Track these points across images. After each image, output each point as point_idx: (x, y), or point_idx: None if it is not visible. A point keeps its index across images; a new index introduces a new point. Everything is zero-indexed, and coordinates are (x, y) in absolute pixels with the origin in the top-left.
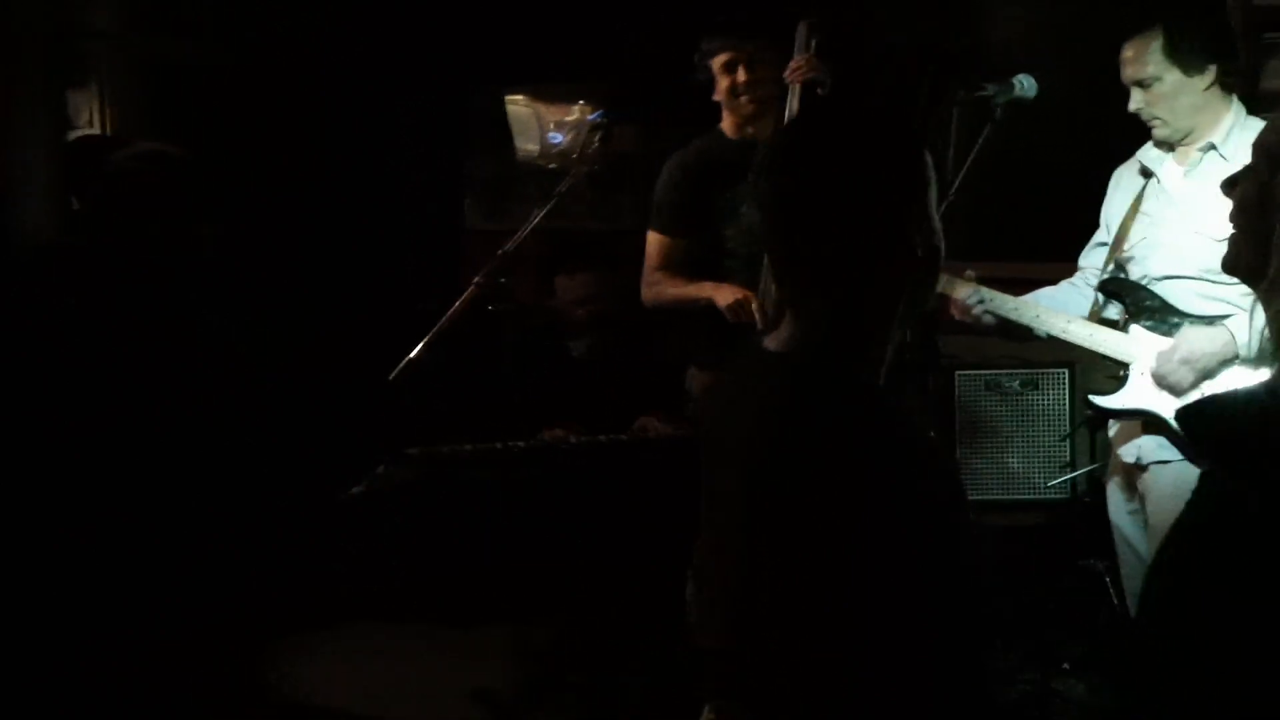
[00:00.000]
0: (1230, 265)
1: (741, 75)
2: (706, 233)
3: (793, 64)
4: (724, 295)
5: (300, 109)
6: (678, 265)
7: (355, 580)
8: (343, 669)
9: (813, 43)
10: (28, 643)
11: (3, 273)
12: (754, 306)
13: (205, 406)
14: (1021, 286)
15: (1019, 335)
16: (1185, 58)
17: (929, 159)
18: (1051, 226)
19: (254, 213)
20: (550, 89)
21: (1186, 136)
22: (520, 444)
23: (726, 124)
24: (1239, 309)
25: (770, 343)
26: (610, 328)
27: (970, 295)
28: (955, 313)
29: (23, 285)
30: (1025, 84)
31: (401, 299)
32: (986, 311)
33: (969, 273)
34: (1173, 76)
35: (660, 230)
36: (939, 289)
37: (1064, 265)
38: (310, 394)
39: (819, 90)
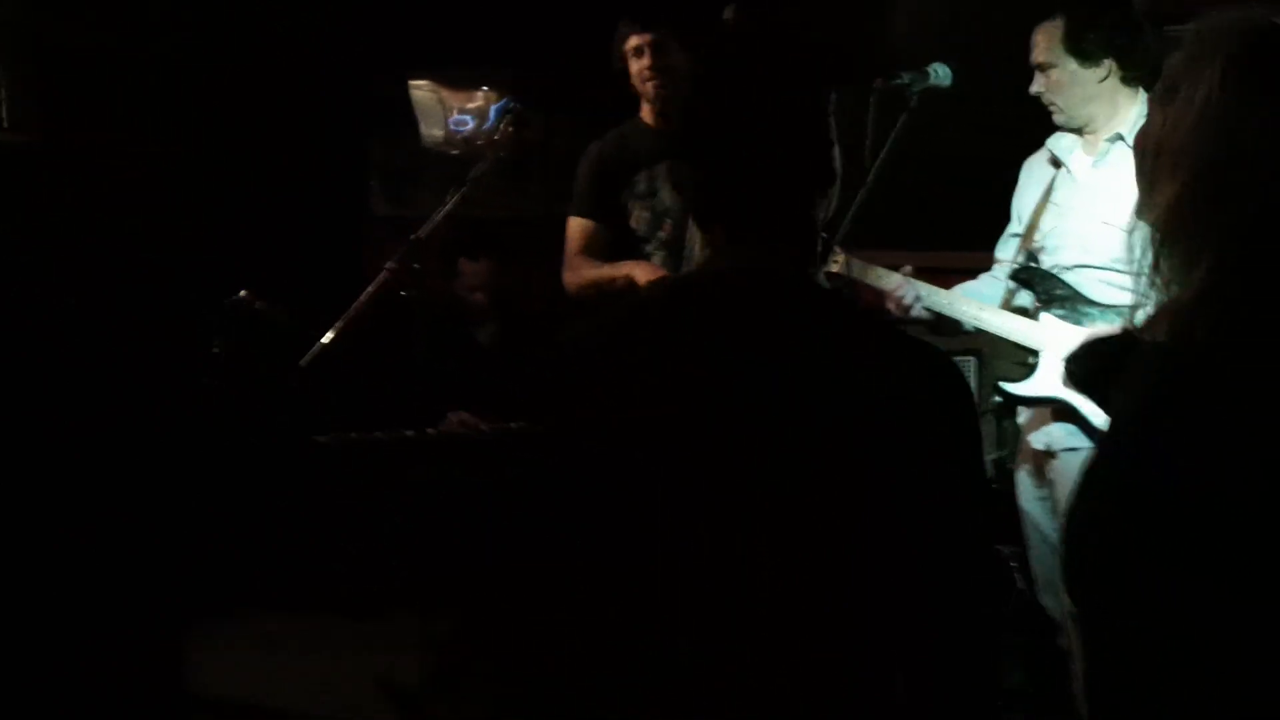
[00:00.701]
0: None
1: (646, 60)
2: (624, 218)
3: None
4: (643, 273)
5: (200, 95)
6: (597, 250)
7: (259, 570)
8: (244, 660)
9: None
10: None
11: None
12: None
13: (92, 397)
14: (937, 275)
15: (950, 329)
16: (1082, 49)
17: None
18: (969, 215)
19: (155, 197)
20: (454, 74)
21: (1086, 125)
22: (432, 431)
23: (645, 112)
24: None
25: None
26: (515, 315)
27: (906, 291)
28: (890, 307)
29: None
30: (940, 72)
31: (306, 287)
32: (923, 307)
33: (906, 268)
34: (1069, 65)
35: (579, 215)
36: (873, 283)
37: (980, 255)
38: (216, 381)
39: None
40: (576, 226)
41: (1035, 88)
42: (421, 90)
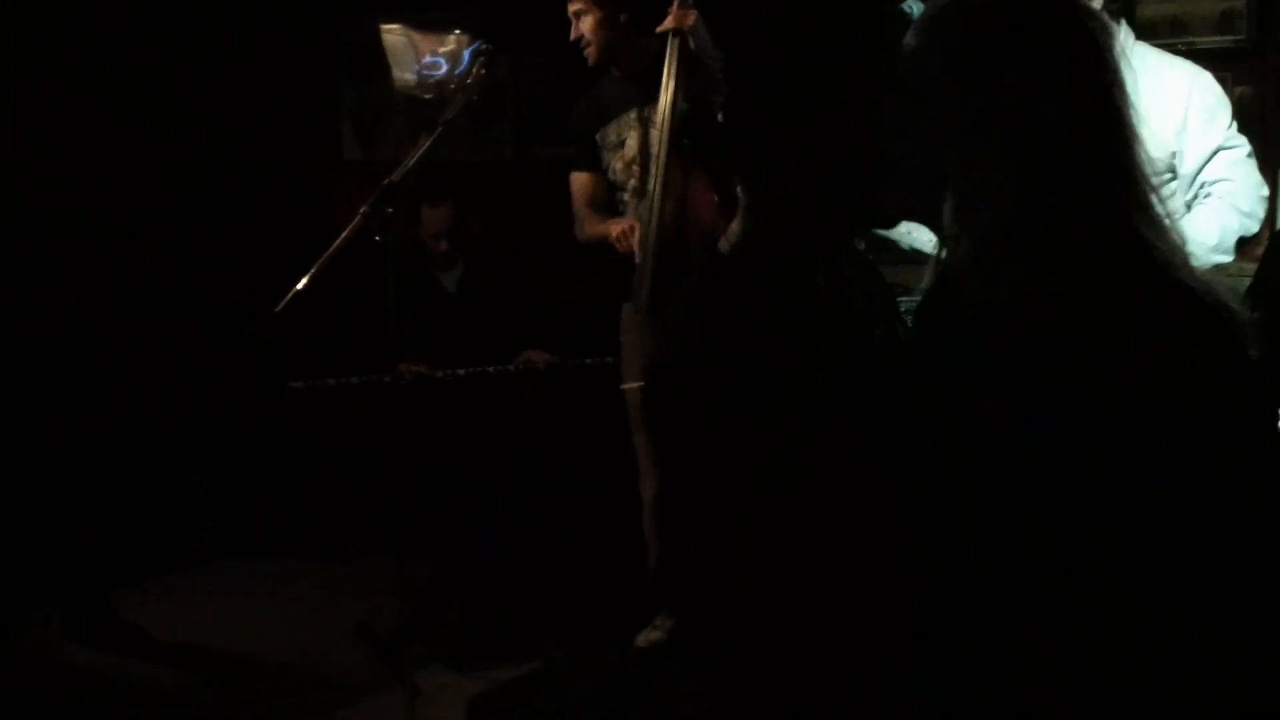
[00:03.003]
0: None
1: (574, 30)
2: (605, 169)
3: (669, 18)
4: (613, 229)
5: (171, 45)
6: (600, 199)
7: (237, 516)
8: (223, 605)
9: None
10: None
11: None
12: (634, 238)
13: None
14: None
15: (882, 246)
16: None
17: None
18: None
19: (131, 141)
20: (425, 18)
21: None
22: (406, 378)
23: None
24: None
25: (723, 244)
26: (479, 260)
27: None
28: None
29: None
30: (915, 9)
31: (278, 231)
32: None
33: None
34: None
35: (576, 169)
36: None
37: None
38: (190, 331)
39: (690, 42)
40: (575, 181)
41: None
42: (393, 34)
